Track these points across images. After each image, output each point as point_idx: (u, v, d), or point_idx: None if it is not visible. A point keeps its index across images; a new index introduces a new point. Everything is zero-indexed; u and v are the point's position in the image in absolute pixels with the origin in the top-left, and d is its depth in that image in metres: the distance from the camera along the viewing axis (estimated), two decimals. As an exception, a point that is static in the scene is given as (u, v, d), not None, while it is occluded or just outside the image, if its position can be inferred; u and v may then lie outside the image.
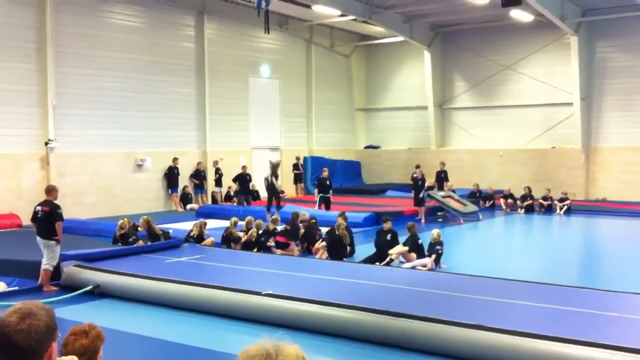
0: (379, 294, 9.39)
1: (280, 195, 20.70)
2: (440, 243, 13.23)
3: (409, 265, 12.87)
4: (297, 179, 27.63)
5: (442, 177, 24.18)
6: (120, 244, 14.15)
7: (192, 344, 8.08)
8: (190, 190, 23.91)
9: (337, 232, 13.89)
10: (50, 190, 11.62)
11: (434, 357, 7.44)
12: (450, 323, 7.55)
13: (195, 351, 7.81)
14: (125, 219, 14.92)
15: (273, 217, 16.23)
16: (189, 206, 23.06)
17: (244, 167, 23.86)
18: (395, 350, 7.72)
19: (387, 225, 14.11)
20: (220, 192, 24.36)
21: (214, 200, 24.18)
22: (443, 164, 24.97)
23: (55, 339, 2.24)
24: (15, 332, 2.12)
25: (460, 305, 8.70)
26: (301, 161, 27.76)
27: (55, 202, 11.37)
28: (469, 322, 7.50)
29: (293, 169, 27.70)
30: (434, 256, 12.97)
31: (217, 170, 24.30)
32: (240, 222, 15.48)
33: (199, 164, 24.11)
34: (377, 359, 7.63)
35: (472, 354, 7.26)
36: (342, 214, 15.28)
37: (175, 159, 23.01)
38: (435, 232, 13.50)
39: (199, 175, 23.98)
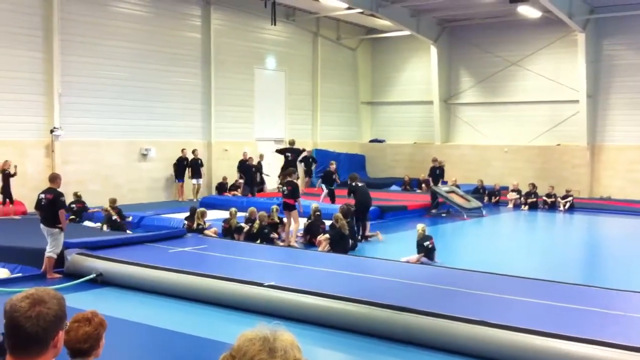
0: (381, 288, 9.39)
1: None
2: (428, 238, 13.04)
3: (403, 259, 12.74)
4: (308, 172, 27.46)
5: (437, 174, 23.52)
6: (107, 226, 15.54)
7: (194, 333, 8.11)
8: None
9: (337, 225, 13.89)
10: (54, 178, 11.64)
11: (436, 352, 7.45)
12: (453, 318, 7.55)
13: (197, 341, 7.84)
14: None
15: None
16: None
17: (250, 159, 23.81)
18: (398, 344, 7.73)
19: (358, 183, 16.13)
20: (198, 183, 23.35)
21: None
22: (435, 159, 24.27)
23: (63, 327, 2.26)
24: (24, 318, 2.14)
25: (463, 301, 8.70)
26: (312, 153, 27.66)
27: (58, 190, 11.39)
28: (472, 317, 7.50)
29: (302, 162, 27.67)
30: (421, 254, 12.78)
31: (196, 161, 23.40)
32: (240, 214, 15.52)
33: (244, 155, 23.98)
34: (379, 353, 7.64)
35: (474, 350, 7.27)
36: (340, 209, 15.17)
37: (183, 150, 22.96)
38: (419, 227, 13.22)
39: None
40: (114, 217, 15.88)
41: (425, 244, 12.91)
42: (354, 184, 16.35)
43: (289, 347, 1.88)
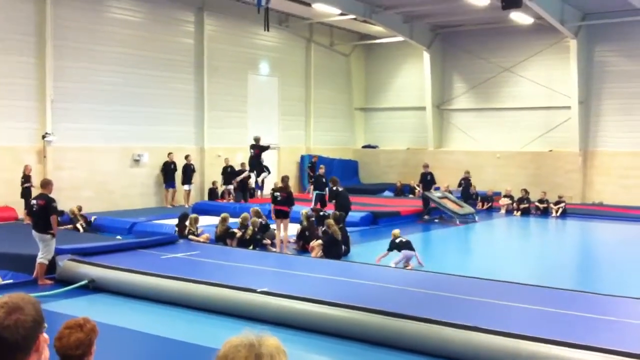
0: (374, 294, 9.39)
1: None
2: (399, 237, 13.19)
3: (392, 264, 12.74)
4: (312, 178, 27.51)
5: (428, 180, 22.99)
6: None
7: (185, 340, 8.08)
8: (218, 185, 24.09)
9: (329, 231, 13.88)
10: (46, 184, 11.61)
11: (428, 358, 7.44)
12: (445, 324, 7.55)
13: (189, 347, 7.81)
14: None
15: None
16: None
17: (242, 164, 23.78)
18: (389, 350, 7.72)
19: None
20: (189, 189, 23.41)
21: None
22: (426, 165, 23.73)
23: (42, 331, 2.23)
24: (2, 327, 2.10)
25: (455, 307, 8.70)
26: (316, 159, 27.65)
27: (50, 195, 11.35)
28: (464, 323, 7.50)
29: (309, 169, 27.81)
30: (390, 252, 12.99)
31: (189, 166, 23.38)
32: (232, 220, 15.48)
33: (226, 160, 24.16)
34: (370, 358, 7.63)
35: (466, 355, 7.27)
36: (332, 215, 15.18)
37: (170, 154, 22.83)
38: (394, 232, 13.48)
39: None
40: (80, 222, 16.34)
41: (397, 240, 13.02)
42: (334, 188, 16.35)
43: (275, 352, 1.90)
